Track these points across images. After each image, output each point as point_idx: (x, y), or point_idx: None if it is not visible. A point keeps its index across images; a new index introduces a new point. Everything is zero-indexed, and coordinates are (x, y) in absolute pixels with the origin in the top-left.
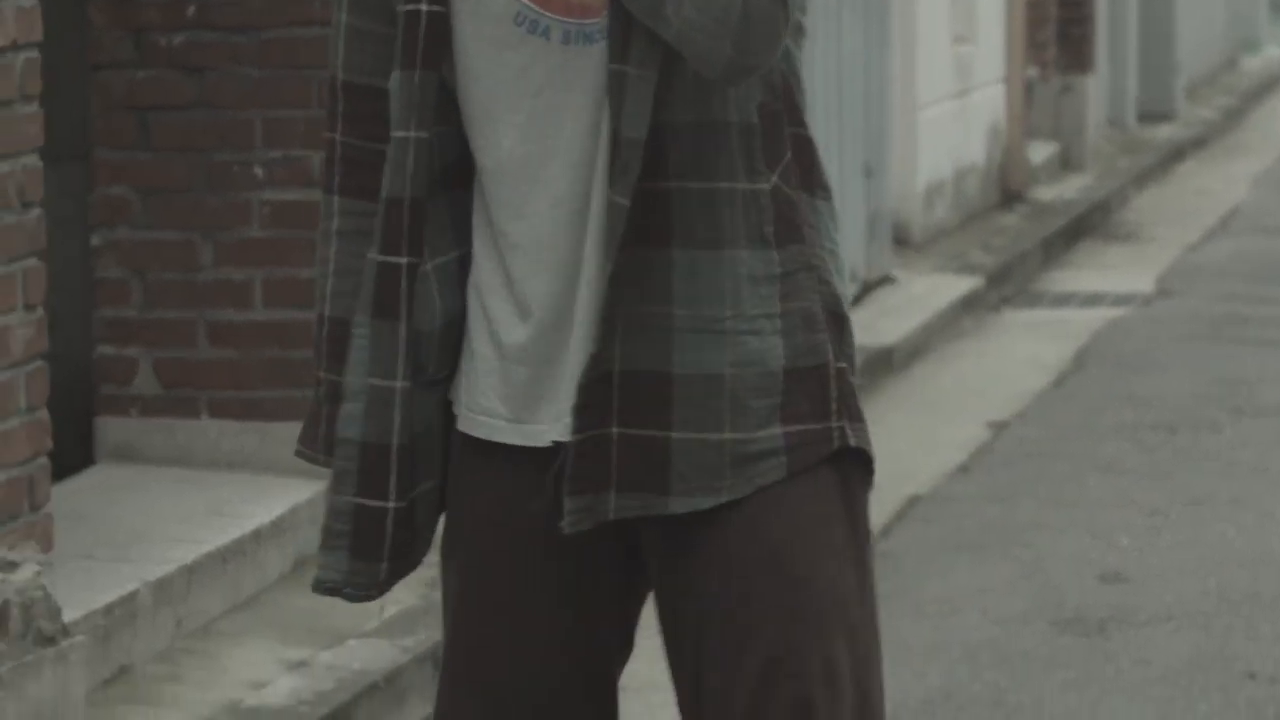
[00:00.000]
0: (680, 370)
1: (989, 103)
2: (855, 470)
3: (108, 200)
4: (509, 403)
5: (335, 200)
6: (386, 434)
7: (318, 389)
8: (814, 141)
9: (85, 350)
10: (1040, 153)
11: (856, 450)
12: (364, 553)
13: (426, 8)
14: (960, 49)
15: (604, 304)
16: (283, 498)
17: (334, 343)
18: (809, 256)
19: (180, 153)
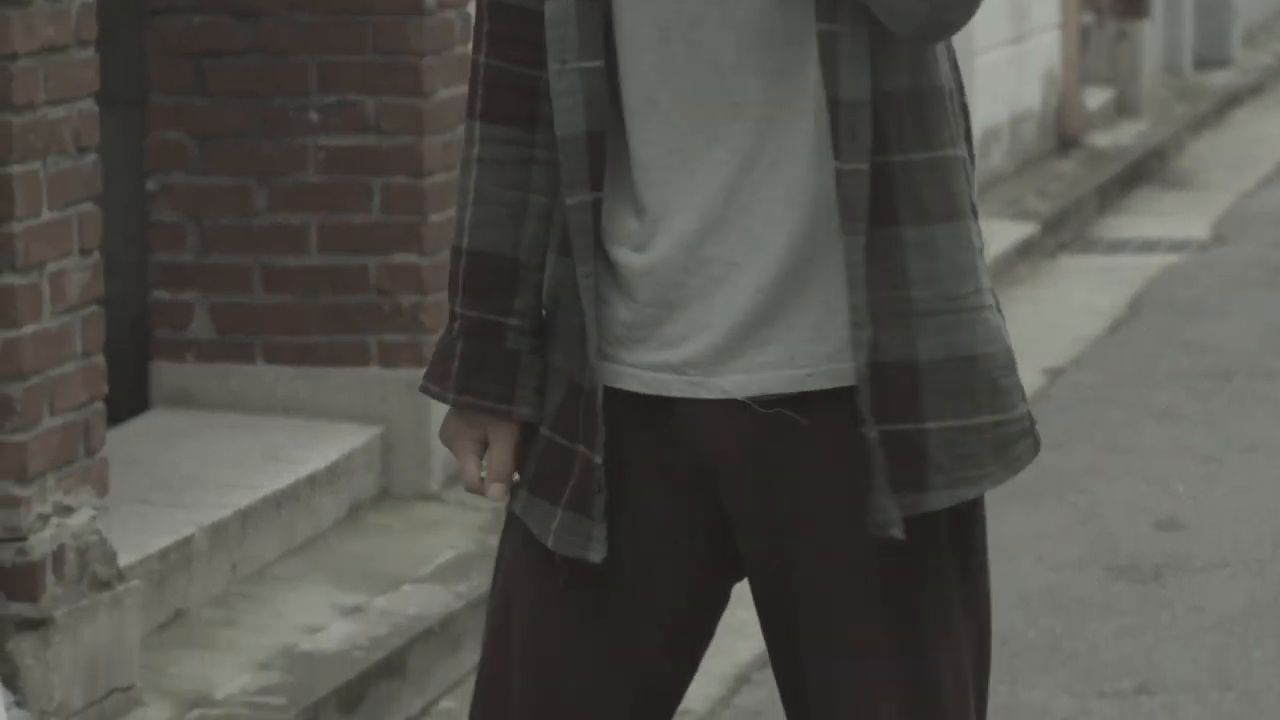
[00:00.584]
0: (926, 357)
1: (1045, 49)
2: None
3: (163, 145)
4: (646, 346)
5: (476, 126)
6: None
7: (451, 325)
8: (968, 109)
9: (140, 295)
10: (1096, 99)
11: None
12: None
13: None
14: None
15: (857, 287)
16: (337, 443)
17: (473, 276)
18: (979, 231)
19: (235, 98)
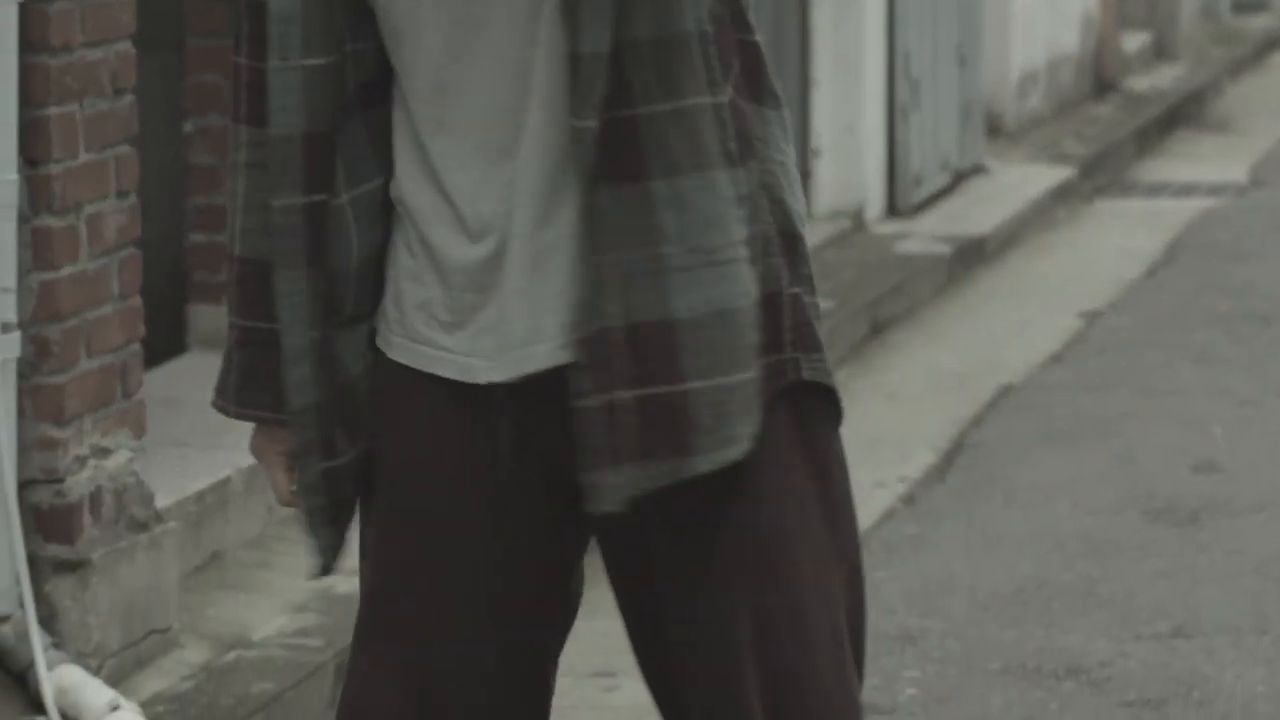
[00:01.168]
0: (683, 314)
1: None
2: (816, 405)
3: (200, 88)
4: (451, 332)
5: (242, 130)
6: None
7: (229, 335)
8: (760, 46)
9: (177, 238)
10: (1133, 43)
11: (814, 384)
12: (340, 519)
13: None
14: None
15: (584, 247)
16: None
17: (242, 284)
18: (763, 174)
19: None
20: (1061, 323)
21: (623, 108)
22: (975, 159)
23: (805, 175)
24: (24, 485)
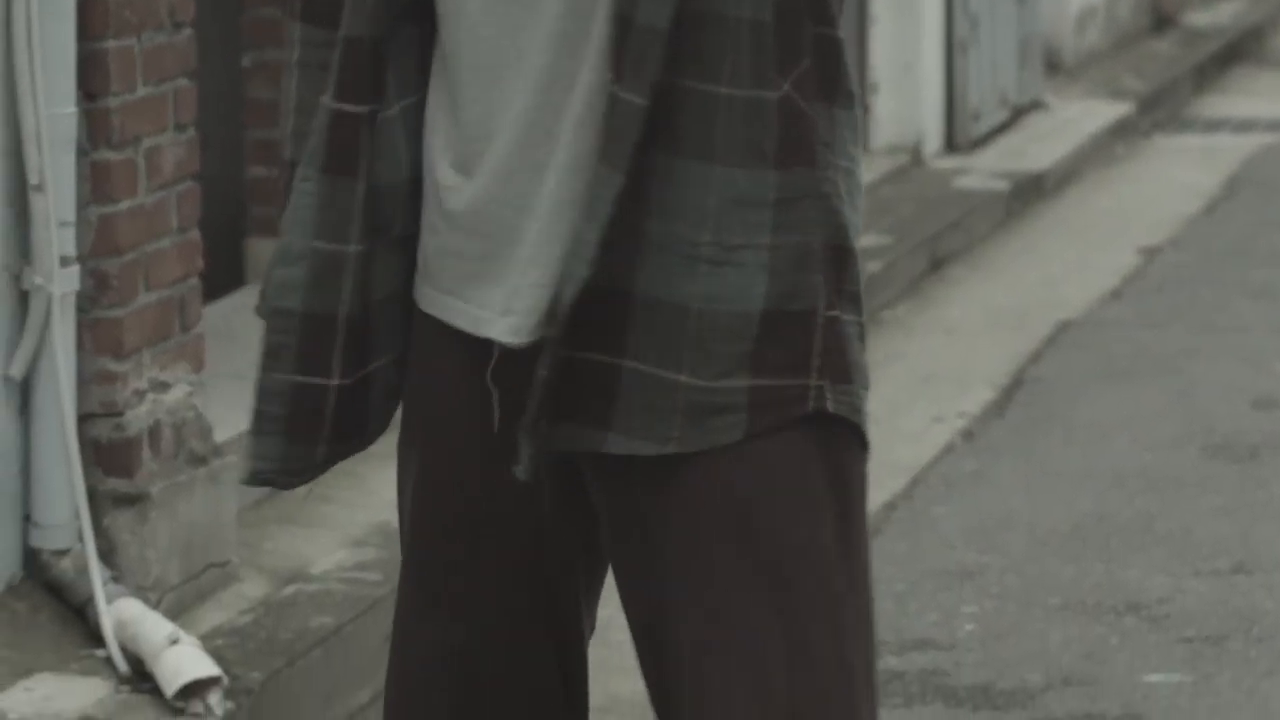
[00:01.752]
0: (643, 291)
1: None
2: (841, 439)
3: (258, 21)
4: (462, 280)
5: (297, 28)
6: (332, 303)
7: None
8: (842, 43)
9: (236, 172)
10: None
11: (840, 418)
12: (300, 436)
13: None
14: None
15: (607, 220)
16: None
17: None
18: (818, 182)
19: None
20: (1120, 259)
21: (676, 77)
22: (1034, 95)
23: (863, 111)
24: (83, 419)
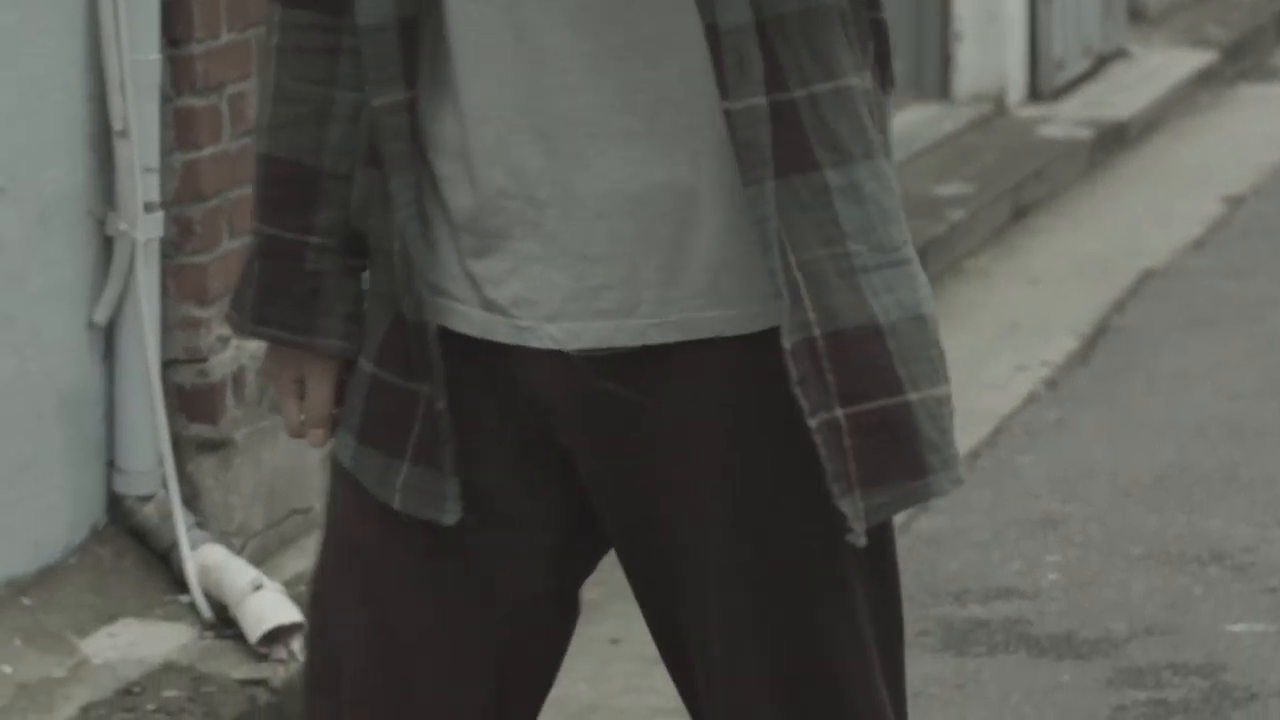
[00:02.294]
0: (886, 318)
1: None
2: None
3: None
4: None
5: (277, 10)
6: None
7: (252, 243)
8: (888, 25)
9: None
10: None
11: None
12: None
13: None
14: None
15: (785, 249)
16: None
17: (271, 187)
18: (888, 171)
19: None
20: (1204, 208)
21: (780, 90)
22: (1117, 43)
23: (946, 60)
24: (167, 365)
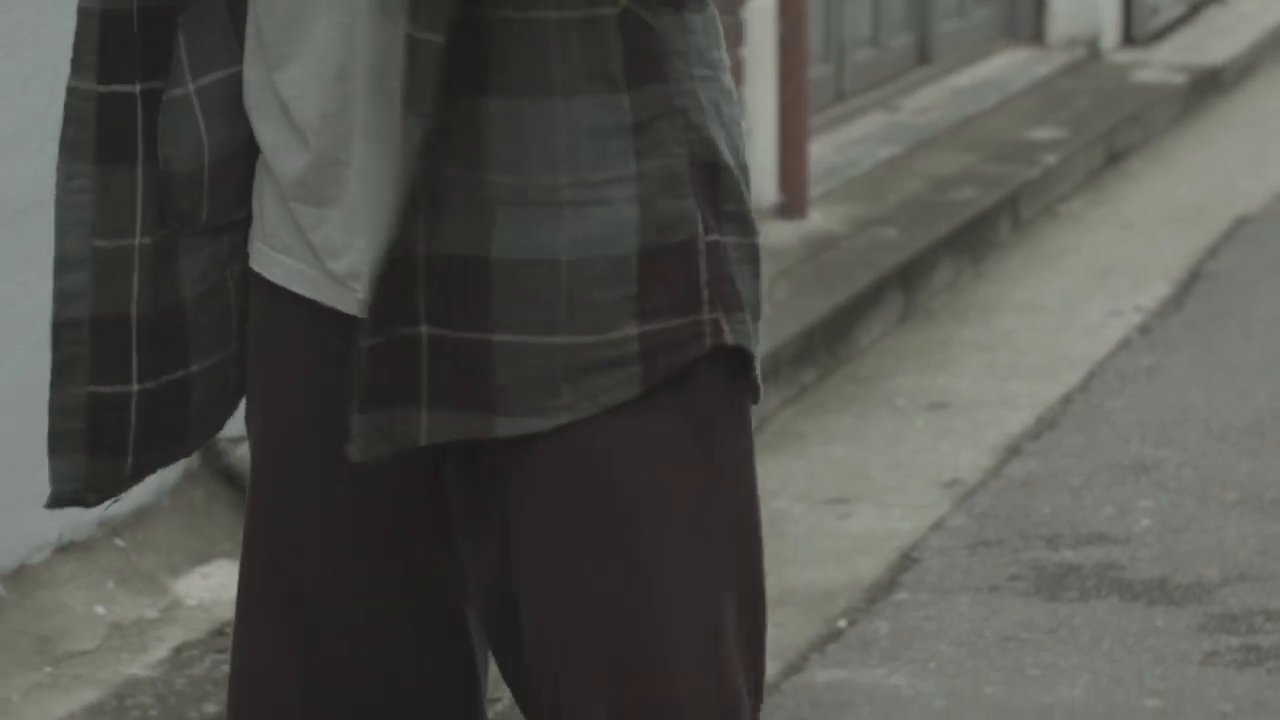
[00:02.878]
0: (501, 254)
1: None
2: (727, 374)
3: None
4: (306, 248)
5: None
6: (123, 303)
7: None
8: None
9: None
10: None
11: (734, 349)
12: (104, 449)
13: None
14: None
15: (411, 168)
16: None
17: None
18: (672, 96)
19: None
20: None
21: (468, 7)
22: None
23: (1041, 5)
24: None
